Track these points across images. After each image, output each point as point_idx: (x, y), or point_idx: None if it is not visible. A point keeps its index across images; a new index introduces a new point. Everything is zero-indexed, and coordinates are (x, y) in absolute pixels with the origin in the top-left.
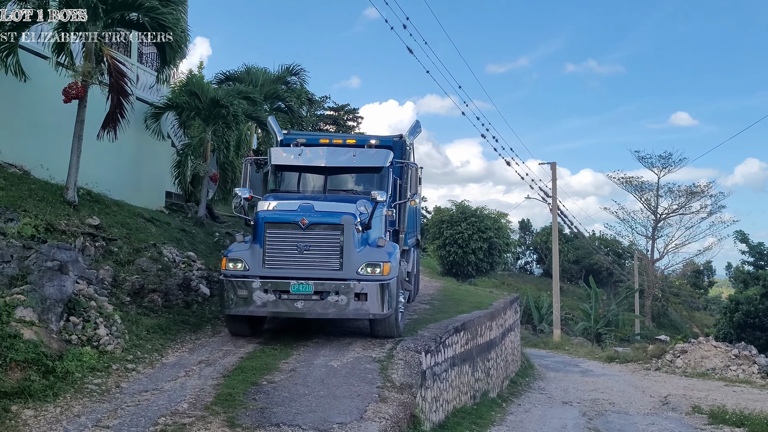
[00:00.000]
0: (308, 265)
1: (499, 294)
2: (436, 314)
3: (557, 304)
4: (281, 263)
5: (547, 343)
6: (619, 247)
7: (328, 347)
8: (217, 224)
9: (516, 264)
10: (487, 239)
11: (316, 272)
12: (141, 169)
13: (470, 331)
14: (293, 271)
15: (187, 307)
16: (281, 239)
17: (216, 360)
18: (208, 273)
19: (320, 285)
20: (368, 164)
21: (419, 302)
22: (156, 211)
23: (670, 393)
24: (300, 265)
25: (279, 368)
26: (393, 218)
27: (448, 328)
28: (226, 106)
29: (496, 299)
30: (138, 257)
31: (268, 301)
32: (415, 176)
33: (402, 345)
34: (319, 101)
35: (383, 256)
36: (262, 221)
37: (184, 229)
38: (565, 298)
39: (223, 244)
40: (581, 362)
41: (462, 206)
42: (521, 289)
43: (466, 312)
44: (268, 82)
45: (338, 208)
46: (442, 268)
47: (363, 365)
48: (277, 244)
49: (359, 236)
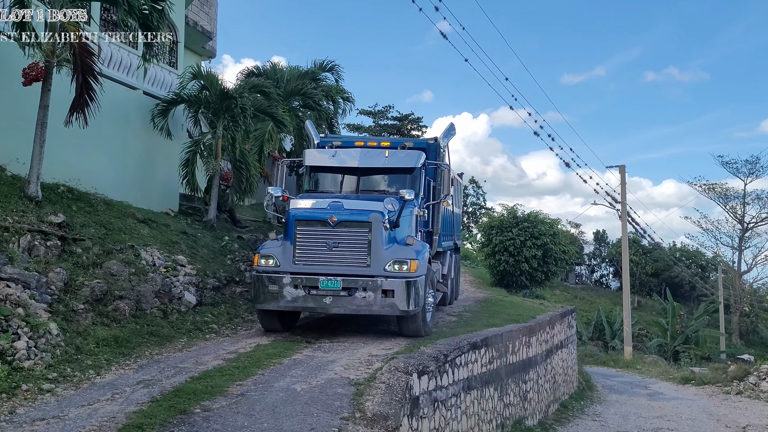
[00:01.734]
0: (337, 261)
1: (549, 306)
2: (459, 328)
3: (628, 319)
4: (311, 260)
5: (617, 361)
6: (703, 259)
7: (304, 366)
8: (239, 229)
9: (591, 277)
10: (542, 246)
11: (345, 269)
12: (151, 169)
13: (496, 348)
14: (322, 267)
15: (163, 317)
16: (311, 236)
17: (160, 380)
18: (199, 279)
19: (348, 281)
20: (400, 165)
21: (448, 314)
22: (160, 213)
23: (750, 423)
24: (329, 261)
25: (227, 392)
26: (426, 219)
27: (461, 345)
28: (235, 99)
29: (544, 312)
30: (108, 259)
31: (297, 297)
32: (447, 177)
33: (391, 364)
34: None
35: (411, 254)
36: (293, 219)
37: (185, 232)
38: (642, 313)
39: (231, 249)
40: (651, 383)
41: (513, 210)
42: (595, 303)
43: (498, 325)
44: (294, 78)
45: (366, 207)
46: (493, 278)
47: (333, 389)
48: (307, 240)
49: (387, 234)
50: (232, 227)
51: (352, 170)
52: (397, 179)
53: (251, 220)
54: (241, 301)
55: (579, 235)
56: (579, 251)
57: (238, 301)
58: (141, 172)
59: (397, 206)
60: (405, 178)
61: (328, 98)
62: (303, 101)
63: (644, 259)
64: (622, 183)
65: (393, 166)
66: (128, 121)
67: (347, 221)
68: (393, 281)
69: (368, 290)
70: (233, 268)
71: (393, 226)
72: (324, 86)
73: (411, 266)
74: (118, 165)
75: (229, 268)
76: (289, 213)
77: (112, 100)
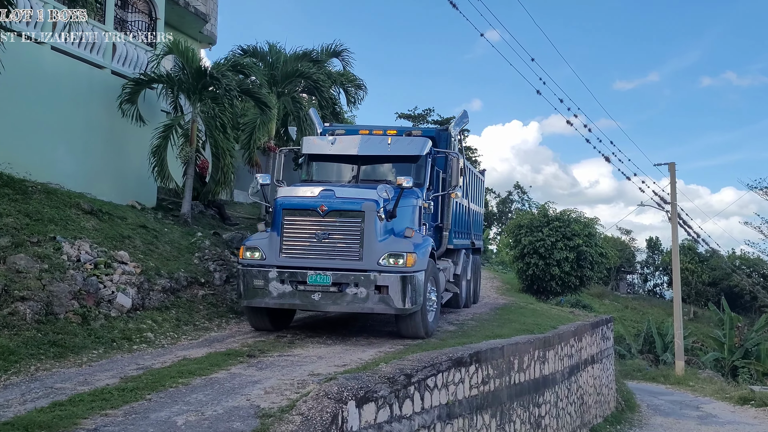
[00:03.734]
0: (327, 254)
1: (581, 315)
2: (453, 339)
3: (679, 330)
4: (299, 252)
5: (668, 376)
6: (765, 267)
7: (214, 388)
8: (227, 226)
9: (644, 286)
10: (575, 248)
11: (335, 262)
12: (121, 158)
13: (493, 365)
14: (311, 260)
15: (82, 323)
16: (299, 227)
17: (11, 406)
18: (143, 279)
19: (339, 276)
20: (404, 153)
21: (449, 322)
22: (123, 206)
23: None
24: (318, 254)
25: (74, 427)
26: (434, 213)
27: (438, 361)
28: (217, 79)
29: (572, 321)
30: (16, 253)
31: (284, 293)
32: (457, 167)
33: (322, 388)
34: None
35: (407, 247)
36: (280, 207)
37: (145, 226)
38: (698, 324)
39: (201, 246)
40: (705, 403)
41: (544, 209)
42: (647, 313)
43: (505, 336)
44: (291, 59)
45: (359, 195)
46: (521, 283)
47: (229, 423)
48: (294, 231)
49: (382, 225)
50: (219, 224)
51: (353, 159)
52: (401, 169)
53: (245, 217)
54: (203, 305)
55: (630, 241)
56: (630, 259)
57: (199, 305)
58: (108, 161)
59: (392, 194)
60: (410, 167)
61: (335, 84)
62: (304, 86)
63: (700, 267)
64: (672, 182)
65: (396, 154)
66: (92, 104)
67: (338, 210)
68: (387, 276)
69: (360, 286)
70: (200, 268)
71: (389, 216)
72: (327, 71)
73: (407, 260)
74: (77, 152)
75: (195, 267)
76: (276, 201)
77: (70, 78)
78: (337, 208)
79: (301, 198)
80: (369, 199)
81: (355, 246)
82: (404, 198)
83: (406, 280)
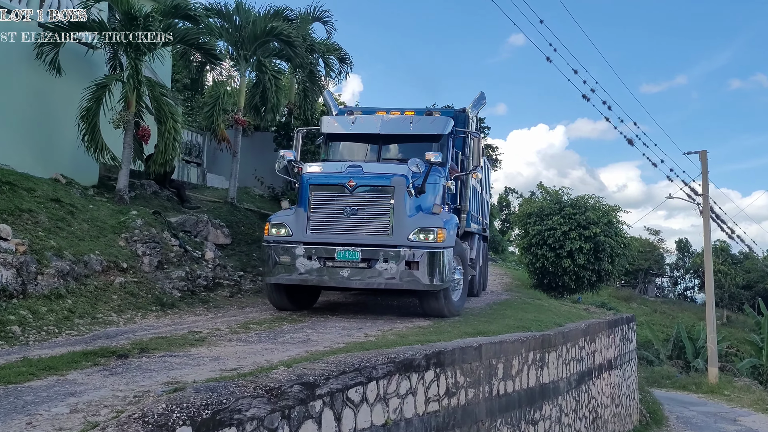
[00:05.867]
0: (355, 230)
1: (598, 313)
2: (416, 336)
3: (713, 334)
4: (327, 228)
5: (700, 385)
6: None
7: None
8: (185, 209)
9: (674, 290)
10: (591, 238)
11: (364, 238)
12: (50, 126)
13: (463, 371)
14: (339, 236)
15: None
16: (327, 203)
17: None
18: (26, 260)
19: (368, 252)
20: (426, 131)
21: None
22: (39, 178)
23: None
24: (347, 230)
25: None
26: (454, 193)
27: (370, 364)
28: (151, 25)
29: (584, 319)
30: None
31: (312, 269)
32: (477, 147)
33: (144, 407)
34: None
35: (437, 222)
36: (307, 183)
37: (59, 200)
38: (732, 329)
39: (131, 227)
40: (742, 415)
41: (557, 194)
42: (677, 318)
43: (491, 333)
44: (262, 19)
45: (389, 170)
46: (532, 278)
47: None
48: (322, 207)
49: (411, 200)
50: (177, 206)
51: (373, 138)
52: (422, 149)
53: (210, 200)
54: (118, 295)
55: (658, 242)
56: (659, 261)
57: (112, 294)
58: (32, 130)
59: (423, 169)
60: (431, 146)
61: (315, 53)
62: (278, 51)
63: (734, 269)
64: (703, 171)
65: (418, 133)
66: (16, 64)
67: (367, 185)
68: (417, 251)
69: (390, 261)
70: (125, 252)
71: (418, 192)
72: (305, 35)
73: (438, 235)
74: None
75: (118, 250)
76: (303, 177)
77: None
78: (366, 183)
79: (329, 174)
80: (399, 174)
81: (384, 221)
82: (431, 175)
83: (435, 256)
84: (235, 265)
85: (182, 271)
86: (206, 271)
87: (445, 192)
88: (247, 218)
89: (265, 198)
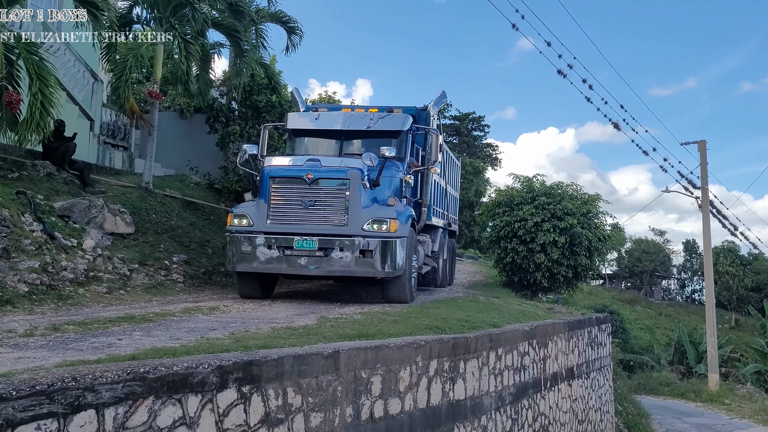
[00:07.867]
0: (313, 220)
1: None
2: (282, 339)
3: (712, 337)
4: (286, 219)
5: (700, 392)
6: None
7: None
8: (86, 192)
9: (682, 292)
10: (566, 230)
11: (321, 228)
12: None
13: (301, 389)
14: (297, 226)
15: None
16: (286, 194)
17: None
18: None
19: (324, 241)
20: (385, 128)
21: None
22: None
23: None
24: (305, 220)
25: None
26: (413, 187)
27: (82, 384)
28: None
29: (540, 319)
30: None
31: (272, 258)
32: (436, 143)
33: None
34: (301, 31)
35: (390, 213)
36: (268, 176)
37: None
38: (741, 333)
39: None
40: (742, 428)
41: (530, 182)
42: (682, 321)
43: (381, 336)
44: None
45: (345, 164)
46: (501, 275)
47: None
48: (281, 199)
49: (366, 193)
50: (77, 190)
51: (336, 134)
52: (382, 144)
53: (122, 185)
54: None
55: (664, 243)
56: (665, 262)
57: None
58: None
59: (376, 162)
60: (391, 142)
61: (252, 23)
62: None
63: (742, 270)
64: (702, 163)
65: (378, 129)
66: None
67: (324, 178)
68: (371, 241)
69: (345, 250)
70: None
71: (373, 184)
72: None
73: (390, 226)
74: None
75: None
76: (264, 170)
77: None
78: (324, 176)
79: (288, 167)
80: (354, 167)
81: (340, 212)
82: (387, 169)
83: (388, 245)
84: (131, 256)
85: (37, 262)
86: (78, 262)
87: (402, 185)
88: (163, 206)
89: (201, 186)
